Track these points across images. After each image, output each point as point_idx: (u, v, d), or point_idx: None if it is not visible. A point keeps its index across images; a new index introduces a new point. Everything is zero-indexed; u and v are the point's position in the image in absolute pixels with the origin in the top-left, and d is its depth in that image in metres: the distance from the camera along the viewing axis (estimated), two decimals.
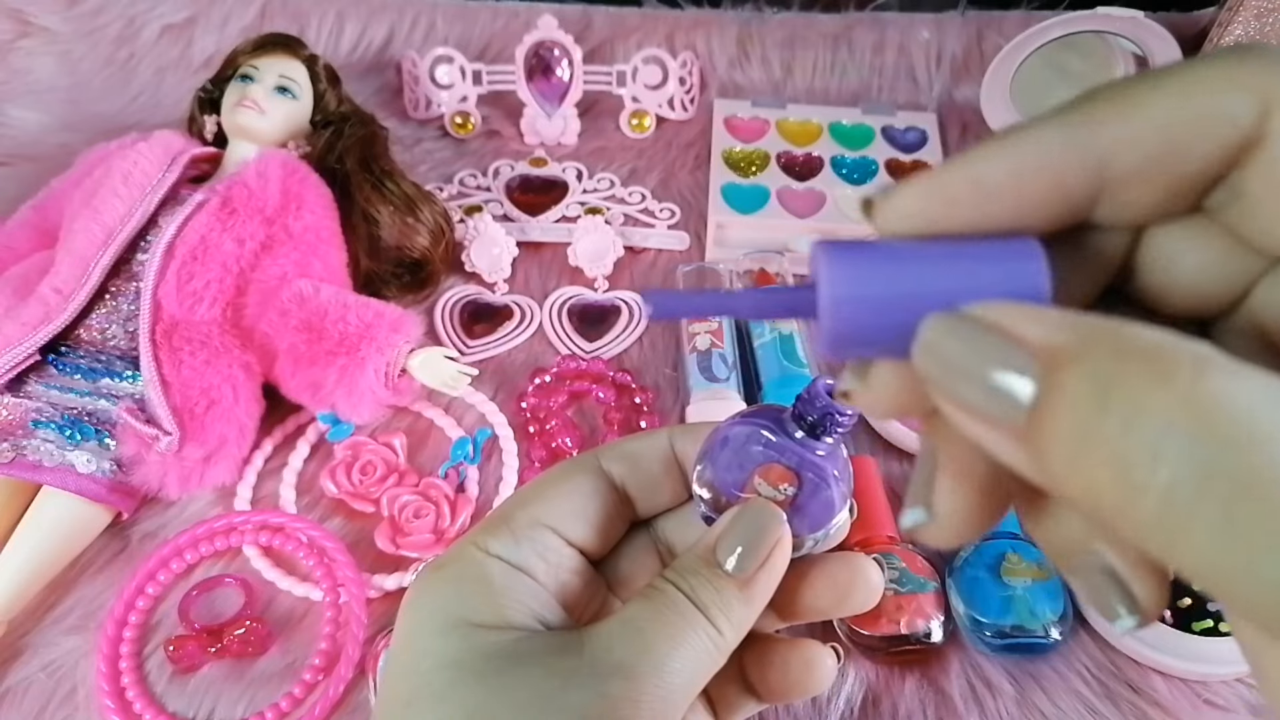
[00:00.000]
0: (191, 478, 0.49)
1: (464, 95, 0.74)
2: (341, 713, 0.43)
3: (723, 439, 0.26)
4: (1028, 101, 0.70)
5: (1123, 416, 0.12)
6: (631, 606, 0.24)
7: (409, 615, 0.24)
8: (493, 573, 0.24)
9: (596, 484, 0.27)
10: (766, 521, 0.24)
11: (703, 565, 0.24)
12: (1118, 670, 0.44)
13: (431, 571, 0.25)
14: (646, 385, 0.56)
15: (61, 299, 0.50)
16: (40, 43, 0.78)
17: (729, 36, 0.77)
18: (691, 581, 0.24)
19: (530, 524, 0.25)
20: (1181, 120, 0.14)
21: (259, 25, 0.77)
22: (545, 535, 0.25)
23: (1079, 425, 0.12)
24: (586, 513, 0.26)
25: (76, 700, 0.43)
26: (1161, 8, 0.69)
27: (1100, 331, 0.13)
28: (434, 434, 0.54)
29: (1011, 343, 0.13)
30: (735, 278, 0.61)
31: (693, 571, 0.24)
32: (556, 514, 0.26)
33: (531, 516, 0.26)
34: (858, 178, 0.70)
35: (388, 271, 0.59)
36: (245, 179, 0.53)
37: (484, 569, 0.24)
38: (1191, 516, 0.11)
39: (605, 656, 0.23)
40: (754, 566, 0.24)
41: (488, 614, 0.23)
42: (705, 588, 0.24)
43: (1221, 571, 0.11)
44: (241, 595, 0.46)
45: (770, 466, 0.25)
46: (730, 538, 0.24)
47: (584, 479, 0.27)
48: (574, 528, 0.26)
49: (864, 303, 0.15)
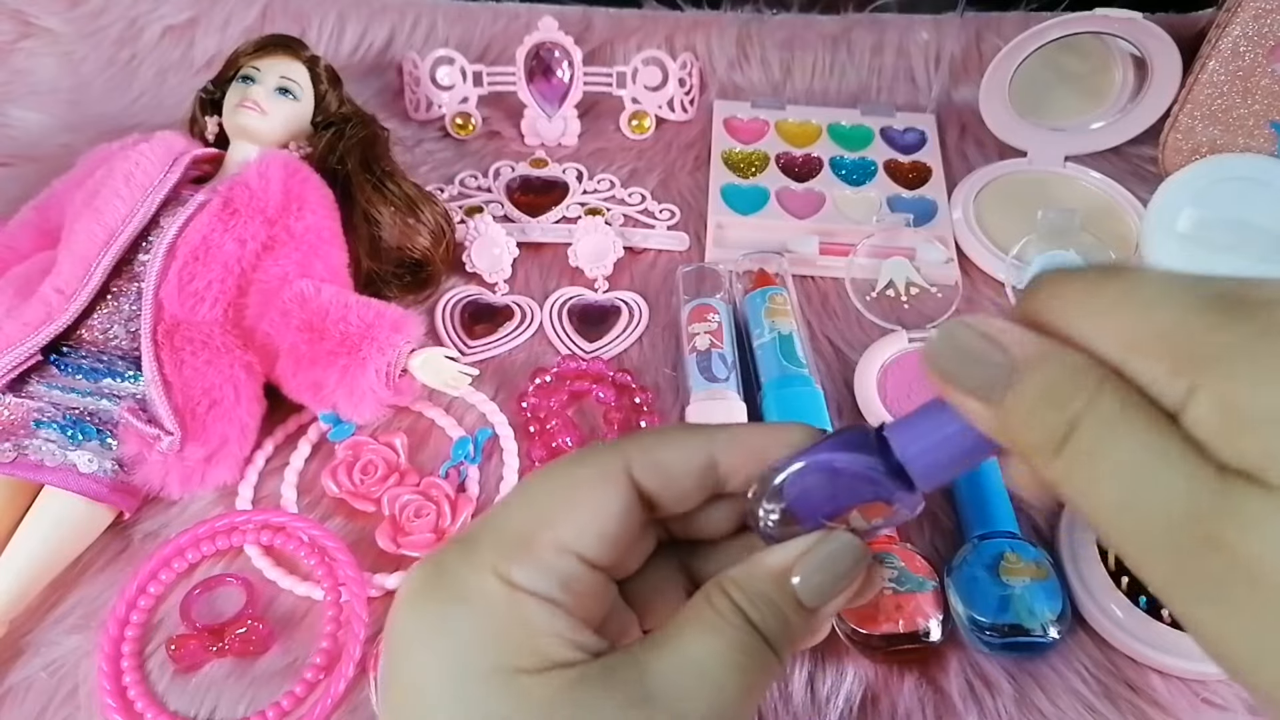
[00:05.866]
0: (193, 477, 0.49)
1: (465, 96, 0.74)
2: (343, 712, 0.43)
3: (829, 468, 0.24)
4: (1026, 102, 0.70)
5: (1056, 408, 0.19)
6: (693, 636, 0.23)
7: (422, 656, 0.22)
8: (527, 612, 0.22)
9: (626, 500, 0.24)
10: (859, 558, 0.24)
11: (774, 589, 0.23)
12: (1116, 669, 0.44)
13: (443, 604, 0.22)
14: (646, 385, 0.56)
15: (63, 299, 0.50)
16: (42, 43, 0.78)
17: (729, 38, 0.77)
18: (762, 610, 0.23)
19: (556, 550, 0.23)
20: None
21: (260, 26, 0.77)
22: (571, 563, 0.23)
23: (1031, 407, 0.20)
24: (615, 534, 0.24)
25: (78, 699, 0.43)
26: (1160, 9, 0.69)
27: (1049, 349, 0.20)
28: (435, 434, 0.54)
29: (998, 346, 0.20)
30: (735, 278, 0.61)
31: (763, 597, 0.23)
32: (585, 539, 0.23)
33: (557, 541, 0.23)
34: (857, 179, 0.70)
35: (389, 272, 0.59)
36: (247, 180, 0.53)
37: (514, 606, 0.22)
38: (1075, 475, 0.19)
39: (679, 706, 0.21)
40: (830, 600, 0.23)
41: (527, 658, 0.22)
42: (774, 616, 0.23)
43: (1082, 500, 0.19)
44: (243, 594, 0.46)
45: (875, 505, 0.24)
46: (814, 566, 0.23)
47: (612, 494, 0.24)
48: (602, 552, 0.24)
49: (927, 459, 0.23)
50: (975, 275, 0.64)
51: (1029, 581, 0.44)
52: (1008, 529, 0.47)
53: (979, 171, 0.70)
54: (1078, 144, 0.71)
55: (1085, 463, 0.19)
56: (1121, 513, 0.18)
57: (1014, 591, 0.44)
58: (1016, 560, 0.45)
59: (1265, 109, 0.67)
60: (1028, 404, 0.20)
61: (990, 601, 0.44)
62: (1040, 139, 0.71)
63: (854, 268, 0.62)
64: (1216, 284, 0.18)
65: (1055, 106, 0.72)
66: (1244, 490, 0.17)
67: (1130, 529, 0.18)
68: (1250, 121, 0.67)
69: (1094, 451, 0.19)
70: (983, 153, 0.73)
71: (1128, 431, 0.18)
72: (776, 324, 0.56)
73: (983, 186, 0.69)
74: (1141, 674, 0.44)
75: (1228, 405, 0.17)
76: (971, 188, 0.69)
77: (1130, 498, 0.18)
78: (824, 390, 0.53)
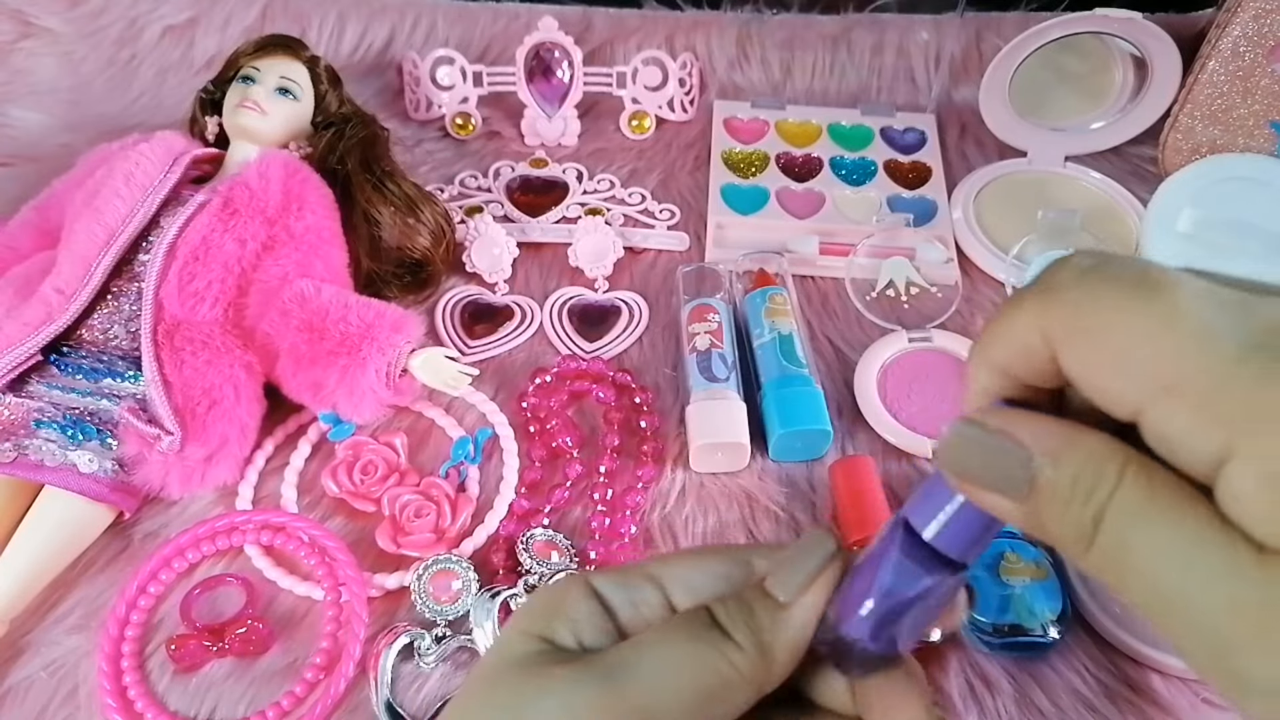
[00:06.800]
0: (193, 477, 0.49)
1: (465, 96, 0.74)
2: (343, 711, 0.43)
3: (920, 590, 0.22)
4: (1026, 103, 0.70)
5: (1081, 503, 0.18)
6: (662, 628, 0.24)
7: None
8: (570, 595, 0.24)
9: (731, 573, 0.25)
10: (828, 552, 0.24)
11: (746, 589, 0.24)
12: (1116, 669, 0.44)
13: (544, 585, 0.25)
14: (646, 385, 0.56)
15: (63, 299, 0.50)
16: (42, 44, 0.78)
17: (728, 38, 0.77)
18: (727, 604, 0.23)
19: (644, 575, 0.25)
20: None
21: (260, 26, 0.77)
22: (648, 589, 0.25)
23: (1057, 503, 0.18)
24: (704, 590, 0.25)
25: (78, 699, 0.43)
26: (1160, 9, 0.69)
27: (1068, 439, 0.19)
28: (435, 434, 0.54)
29: (1013, 444, 0.19)
30: (735, 278, 0.61)
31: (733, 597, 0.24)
32: (672, 577, 0.25)
33: (649, 570, 0.25)
34: (857, 179, 0.70)
35: (389, 272, 0.59)
36: (247, 180, 0.53)
37: (567, 591, 0.25)
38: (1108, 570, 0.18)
39: (602, 658, 0.23)
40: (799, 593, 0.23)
41: (538, 623, 0.24)
42: (739, 612, 0.23)
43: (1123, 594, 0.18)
44: (243, 594, 0.46)
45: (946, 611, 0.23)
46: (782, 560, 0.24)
47: (729, 565, 0.25)
48: (682, 596, 0.25)
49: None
50: (975, 275, 0.64)
51: (1029, 581, 0.44)
52: (1007, 529, 0.46)
53: (979, 171, 0.70)
54: (1078, 144, 0.71)
55: (1116, 556, 0.18)
56: (1161, 604, 0.17)
57: (1014, 591, 0.44)
58: (1016, 560, 0.45)
59: (1265, 109, 0.67)
60: (1053, 501, 0.18)
61: (990, 601, 0.44)
62: (1040, 139, 0.71)
63: (854, 268, 0.62)
64: (1263, 318, 0.17)
65: (1055, 106, 0.72)
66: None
67: (1173, 621, 0.17)
68: (1250, 121, 0.67)
69: (1123, 544, 0.17)
70: (983, 153, 0.73)
71: (1158, 519, 0.17)
72: (776, 324, 0.56)
73: (983, 186, 0.69)
74: (1141, 674, 0.44)
75: (1273, 476, 0.16)
76: (971, 188, 0.69)
77: (1167, 589, 0.17)
78: (824, 390, 0.53)
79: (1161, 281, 0.17)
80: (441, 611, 0.45)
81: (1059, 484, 0.18)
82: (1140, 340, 0.17)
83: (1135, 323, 0.17)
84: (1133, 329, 0.17)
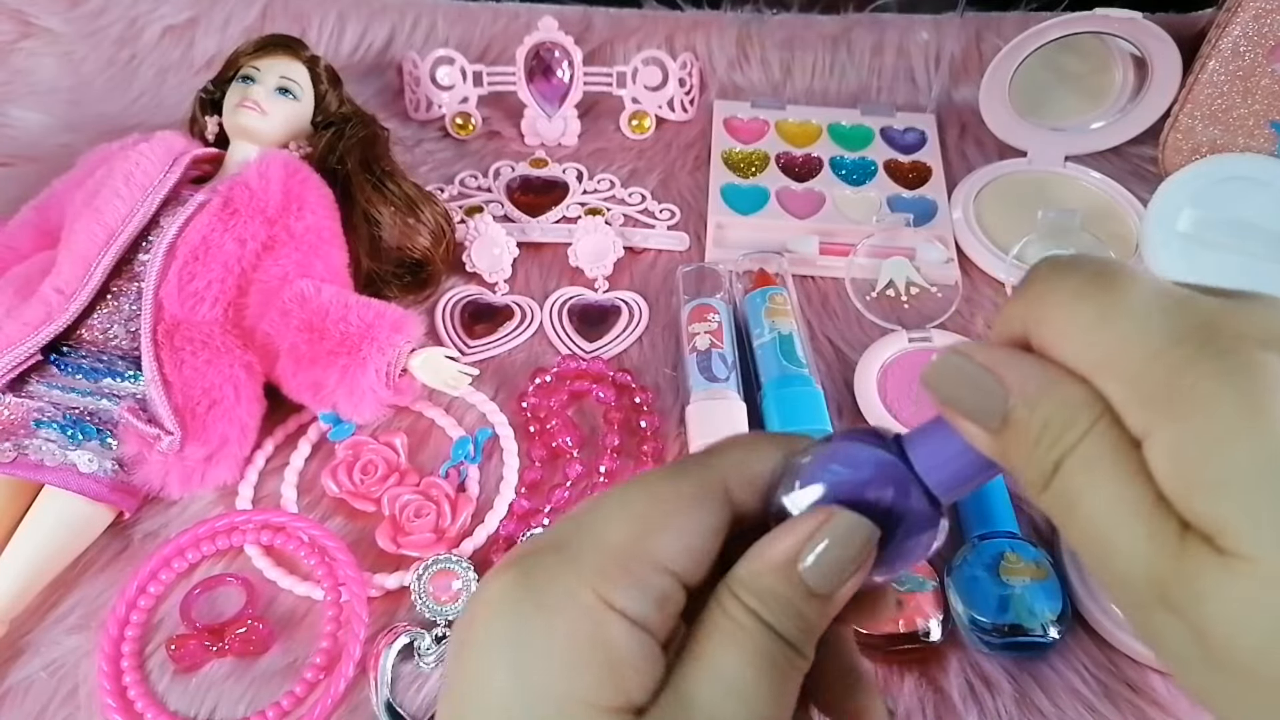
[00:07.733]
0: (193, 477, 0.49)
1: (465, 96, 0.74)
2: (343, 711, 0.43)
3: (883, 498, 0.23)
4: (1026, 103, 0.70)
5: (1046, 445, 0.19)
6: (718, 651, 0.22)
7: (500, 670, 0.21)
8: (616, 640, 0.21)
9: (723, 517, 0.23)
10: (867, 536, 0.22)
11: (782, 583, 0.22)
12: (1116, 669, 0.44)
13: (532, 617, 0.21)
14: (646, 385, 0.56)
15: (63, 299, 0.50)
16: (42, 43, 0.78)
17: (729, 38, 0.77)
18: (775, 610, 0.22)
19: (656, 569, 0.22)
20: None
21: (260, 26, 0.77)
22: (668, 582, 0.22)
23: (1026, 441, 0.19)
24: (709, 552, 0.23)
25: (78, 699, 0.43)
26: (1160, 9, 0.69)
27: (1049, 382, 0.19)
28: (435, 433, 0.54)
29: (995, 381, 0.20)
30: (735, 278, 0.61)
31: (772, 594, 0.22)
32: (684, 558, 0.23)
33: (658, 559, 0.22)
34: (857, 178, 0.70)
35: (389, 272, 0.59)
36: (247, 179, 0.53)
37: (607, 633, 0.21)
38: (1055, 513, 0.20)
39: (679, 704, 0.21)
40: (841, 585, 0.22)
41: (610, 694, 0.21)
42: (788, 614, 0.22)
43: (1065, 536, 0.19)
44: (243, 594, 0.46)
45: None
46: (821, 549, 0.22)
47: (713, 510, 0.23)
48: (696, 571, 0.23)
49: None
50: (975, 275, 0.64)
51: (1029, 581, 0.44)
52: (1008, 529, 0.47)
53: (979, 171, 0.70)
54: (1078, 144, 0.71)
55: (1065, 504, 0.19)
56: (1093, 558, 0.19)
57: (1014, 591, 0.44)
58: (1016, 560, 0.45)
59: (1265, 109, 0.67)
60: (1022, 440, 0.19)
61: (990, 601, 0.44)
62: (1040, 139, 0.71)
63: (854, 268, 0.62)
64: (1203, 309, 0.18)
65: (1055, 106, 0.72)
66: (1200, 556, 0.17)
67: (1102, 574, 0.19)
68: (1250, 121, 0.67)
69: (1072, 494, 0.19)
70: (983, 153, 0.73)
71: (1106, 479, 0.18)
72: (776, 324, 0.56)
73: (983, 186, 0.69)
74: (1141, 674, 0.44)
75: (1179, 458, 0.17)
76: (971, 188, 0.69)
77: (1100, 547, 0.18)
78: (824, 390, 0.53)
79: (1116, 276, 0.19)
80: (441, 611, 0.45)
81: (1030, 425, 0.19)
82: (1087, 325, 0.19)
83: (1085, 308, 0.19)
84: (1082, 315, 0.19)
